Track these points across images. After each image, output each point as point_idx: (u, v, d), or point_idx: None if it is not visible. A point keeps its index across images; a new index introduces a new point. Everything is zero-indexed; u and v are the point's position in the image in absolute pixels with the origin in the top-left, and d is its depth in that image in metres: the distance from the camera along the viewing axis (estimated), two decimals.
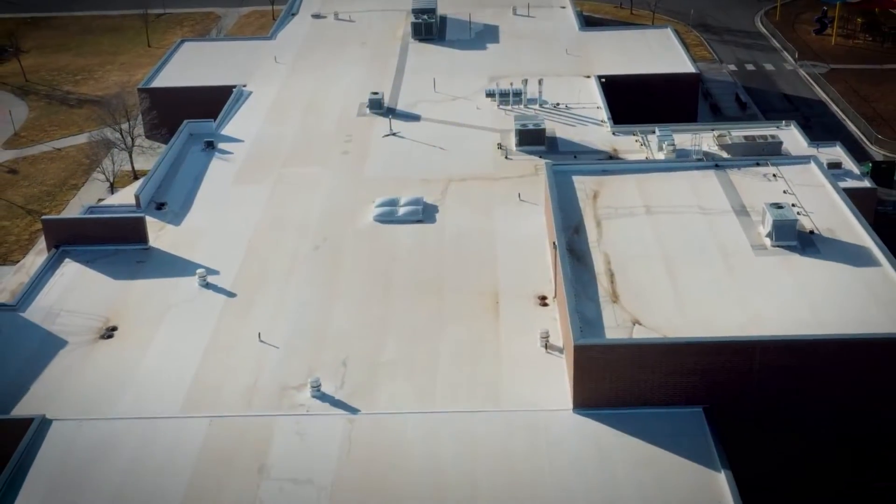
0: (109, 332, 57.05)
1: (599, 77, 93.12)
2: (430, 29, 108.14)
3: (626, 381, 48.30)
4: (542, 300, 58.30)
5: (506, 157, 77.62)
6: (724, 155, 72.95)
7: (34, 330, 57.39)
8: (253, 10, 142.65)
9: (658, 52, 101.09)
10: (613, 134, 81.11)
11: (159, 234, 67.67)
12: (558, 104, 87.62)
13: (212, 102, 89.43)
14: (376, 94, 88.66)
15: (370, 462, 46.50)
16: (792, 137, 78.33)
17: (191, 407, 50.55)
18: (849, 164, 74.88)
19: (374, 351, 54.32)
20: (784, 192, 62.41)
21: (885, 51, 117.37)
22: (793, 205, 59.79)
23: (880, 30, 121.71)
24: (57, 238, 65.97)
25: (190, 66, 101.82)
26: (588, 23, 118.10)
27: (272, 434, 48.27)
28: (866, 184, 71.95)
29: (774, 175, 64.84)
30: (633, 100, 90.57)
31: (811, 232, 57.87)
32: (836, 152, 76.55)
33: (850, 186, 68.44)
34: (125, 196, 75.85)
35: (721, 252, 56.54)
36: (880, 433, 49.28)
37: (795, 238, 56.66)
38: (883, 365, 47.97)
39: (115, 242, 65.64)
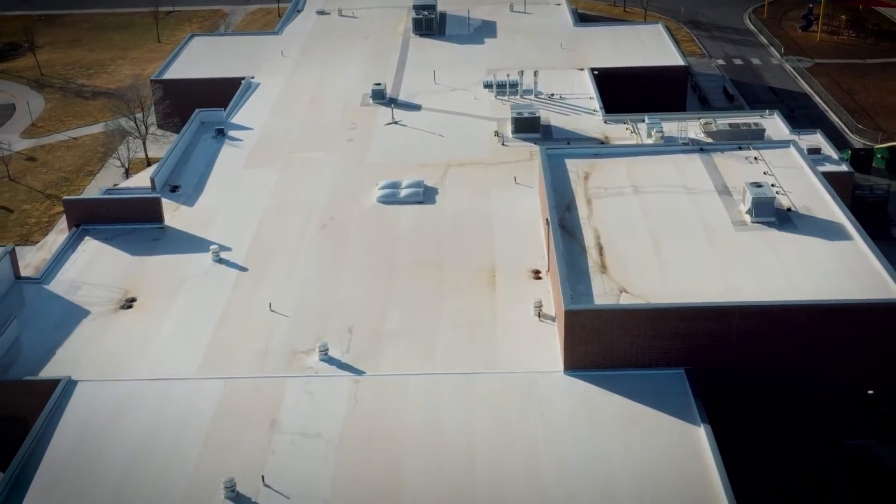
0: (129, 303, 59.63)
1: (592, 70, 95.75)
2: (430, 24, 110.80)
3: (613, 345, 50.88)
4: (536, 274, 60.86)
5: (502, 144, 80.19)
6: (710, 141, 75.48)
7: (58, 301, 59.96)
8: (259, 7, 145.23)
9: (649, 47, 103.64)
10: (605, 122, 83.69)
11: (174, 215, 70.17)
12: (553, 95, 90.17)
13: (221, 93, 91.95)
14: (379, 84, 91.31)
15: (374, 418, 49.08)
16: (775, 125, 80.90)
17: (206, 369, 53.16)
18: (828, 149, 77.51)
19: (378, 320, 56.90)
20: (764, 173, 65.00)
21: (868, 46, 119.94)
22: (772, 185, 62.37)
23: (864, 26, 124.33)
24: (78, 217, 68.52)
25: (200, 59, 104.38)
26: (582, 19, 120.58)
27: (283, 393, 50.86)
28: (844, 168, 74.62)
29: (756, 158, 67.43)
30: (624, 91, 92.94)
31: (789, 209, 60.47)
32: (817, 139, 79.19)
33: (828, 170, 71.17)
34: (140, 181, 78.45)
35: (704, 227, 59.14)
36: (851, 394, 51.85)
37: (774, 214, 59.24)
38: (853, 329, 50.57)
39: (133, 221, 68.16)
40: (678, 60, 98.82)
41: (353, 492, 44.54)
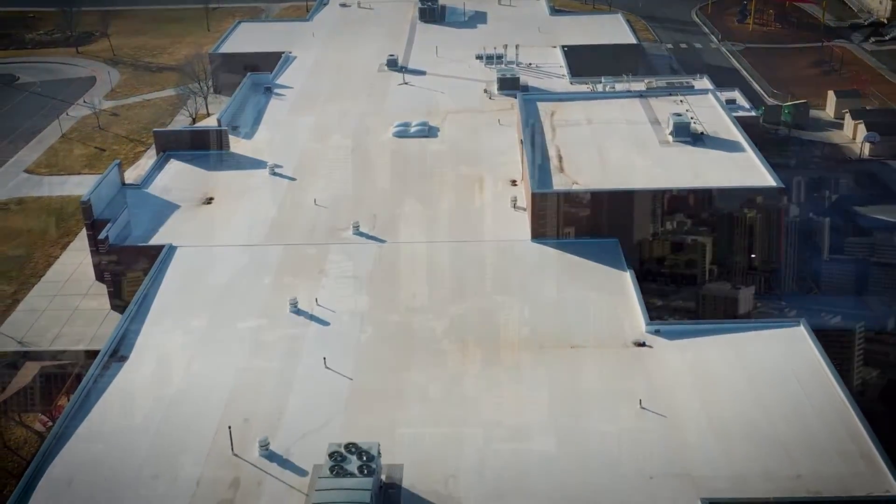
0: (209, 200, 71.89)
1: (563, 46, 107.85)
2: (433, 13, 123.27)
3: (566, 219, 63.26)
4: (513, 182, 73.08)
5: (490, 98, 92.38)
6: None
7: (155, 199, 72.18)
8: (290, 5, 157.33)
9: (609, 30, 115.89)
10: (571, 83, 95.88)
11: (236, 146, 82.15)
12: (530, 64, 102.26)
13: (265, 64, 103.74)
14: (392, 56, 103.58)
15: (393, 267, 61.43)
16: (703, 85, 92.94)
17: (270, 239, 65.55)
18: (742, 101, 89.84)
19: (395, 208, 69.14)
20: (686, 110, 77.31)
21: (791, 35, 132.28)
22: (691, 117, 74.72)
23: (788, 19, 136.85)
24: (164, 145, 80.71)
25: (247, 39, 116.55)
26: (557, 12, 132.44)
27: (327, 254, 63.18)
28: (752, 113, 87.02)
29: (681, 101, 79.81)
30: (587, 64, 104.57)
31: (702, 133, 72.81)
32: (734, 94, 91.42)
33: (739, 115, 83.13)
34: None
35: (637, 146, 71.51)
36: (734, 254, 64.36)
37: (690, 136, 71.61)
38: (738, 207, 63.07)
39: (206, 149, 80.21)
40: (631, 40, 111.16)
41: (380, 309, 56.92)
